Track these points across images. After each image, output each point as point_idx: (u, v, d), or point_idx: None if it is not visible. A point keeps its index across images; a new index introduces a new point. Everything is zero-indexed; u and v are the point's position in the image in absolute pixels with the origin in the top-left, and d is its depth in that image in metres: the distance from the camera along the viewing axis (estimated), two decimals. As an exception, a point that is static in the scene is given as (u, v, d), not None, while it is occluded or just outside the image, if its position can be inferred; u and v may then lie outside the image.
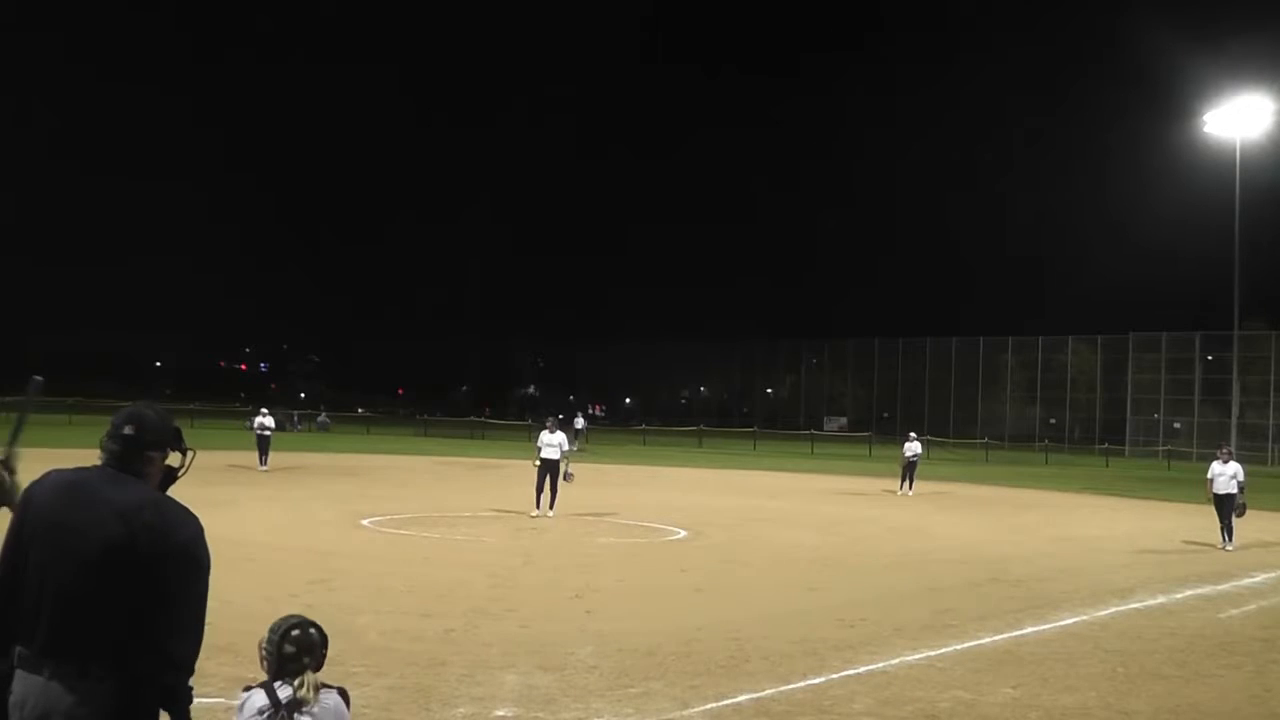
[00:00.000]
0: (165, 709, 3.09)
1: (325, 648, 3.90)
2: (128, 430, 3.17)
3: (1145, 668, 8.26)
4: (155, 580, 2.98)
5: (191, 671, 3.08)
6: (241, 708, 3.76)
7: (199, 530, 3.12)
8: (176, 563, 3.02)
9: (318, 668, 3.82)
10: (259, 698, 3.72)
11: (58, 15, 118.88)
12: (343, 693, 3.82)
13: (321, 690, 3.76)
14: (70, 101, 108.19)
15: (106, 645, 2.96)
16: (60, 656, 2.94)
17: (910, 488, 26.36)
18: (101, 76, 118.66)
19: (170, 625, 3.01)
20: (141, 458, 3.17)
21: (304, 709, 3.68)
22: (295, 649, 3.77)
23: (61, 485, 3.12)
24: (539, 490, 17.22)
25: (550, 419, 18.68)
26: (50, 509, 3.07)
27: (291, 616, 3.95)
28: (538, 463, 17.36)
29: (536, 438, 18.01)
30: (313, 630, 3.87)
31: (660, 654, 8.12)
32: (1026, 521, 20.79)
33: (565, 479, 17.21)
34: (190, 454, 3.33)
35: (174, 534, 3.04)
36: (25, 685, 2.96)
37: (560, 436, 17.55)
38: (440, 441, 47.33)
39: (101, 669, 2.94)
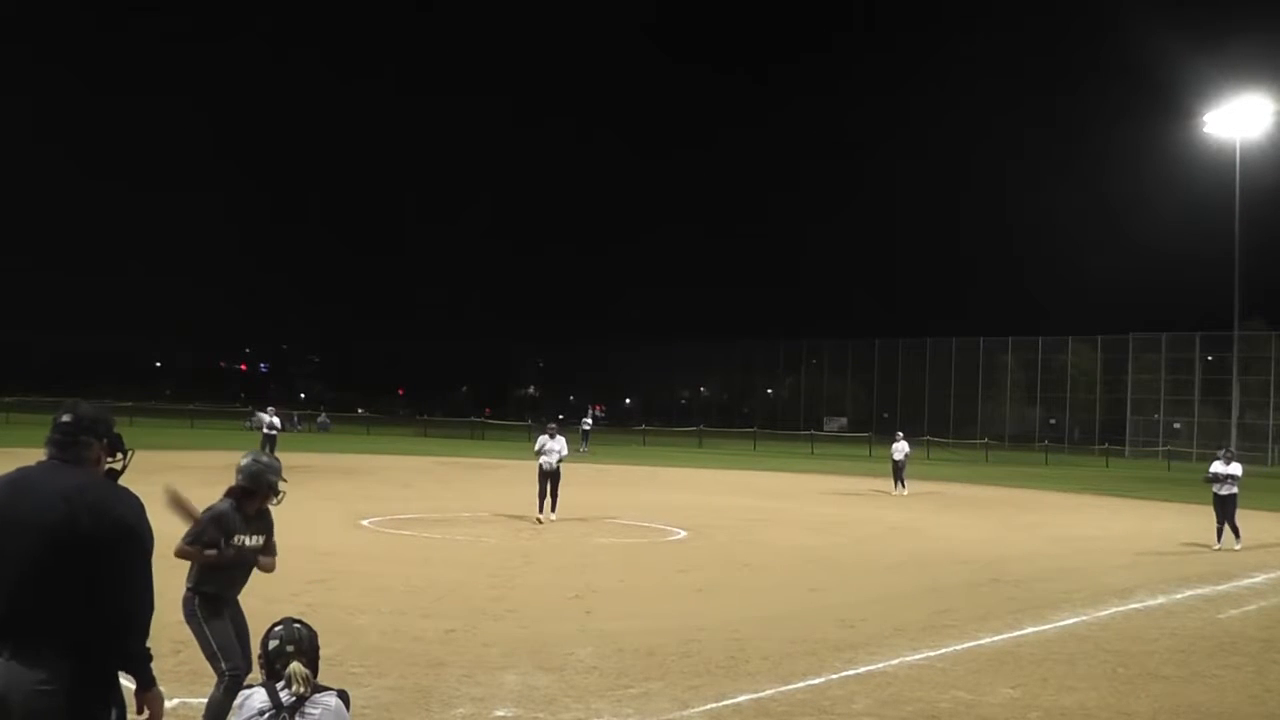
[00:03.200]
0: (126, 672, 3.25)
1: (316, 647, 3.90)
2: (65, 418, 3.38)
3: (1145, 668, 8.26)
4: (100, 556, 3.15)
5: (145, 635, 3.26)
6: (241, 706, 3.77)
7: (139, 508, 3.30)
8: (118, 538, 3.19)
9: (309, 666, 3.83)
10: (260, 697, 3.73)
11: (61, 21, 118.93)
12: (343, 695, 3.83)
13: (321, 692, 3.77)
14: (71, 107, 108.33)
15: (60, 623, 3.12)
16: (18, 638, 3.10)
17: (903, 487, 26.32)
18: (101, 82, 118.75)
19: (119, 595, 3.18)
20: (78, 442, 3.35)
21: (303, 709, 3.68)
22: (279, 642, 3.81)
23: (7, 483, 3.31)
24: (541, 496, 16.91)
25: (551, 423, 18.28)
26: (0, 501, 3.26)
27: (280, 619, 3.99)
28: (542, 464, 17.04)
29: (535, 440, 17.64)
30: (298, 626, 3.90)
31: (660, 654, 8.11)
32: (1026, 521, 20.77)
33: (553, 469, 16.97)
34: (129, 453, 3.52)
35: (112, 511, 3.22)
36: None
37: (560, 441, 17.28)
38: (440, 442, 47.31)
39: (57, 647, 3.10)
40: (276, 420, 27.06)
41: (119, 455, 3.48)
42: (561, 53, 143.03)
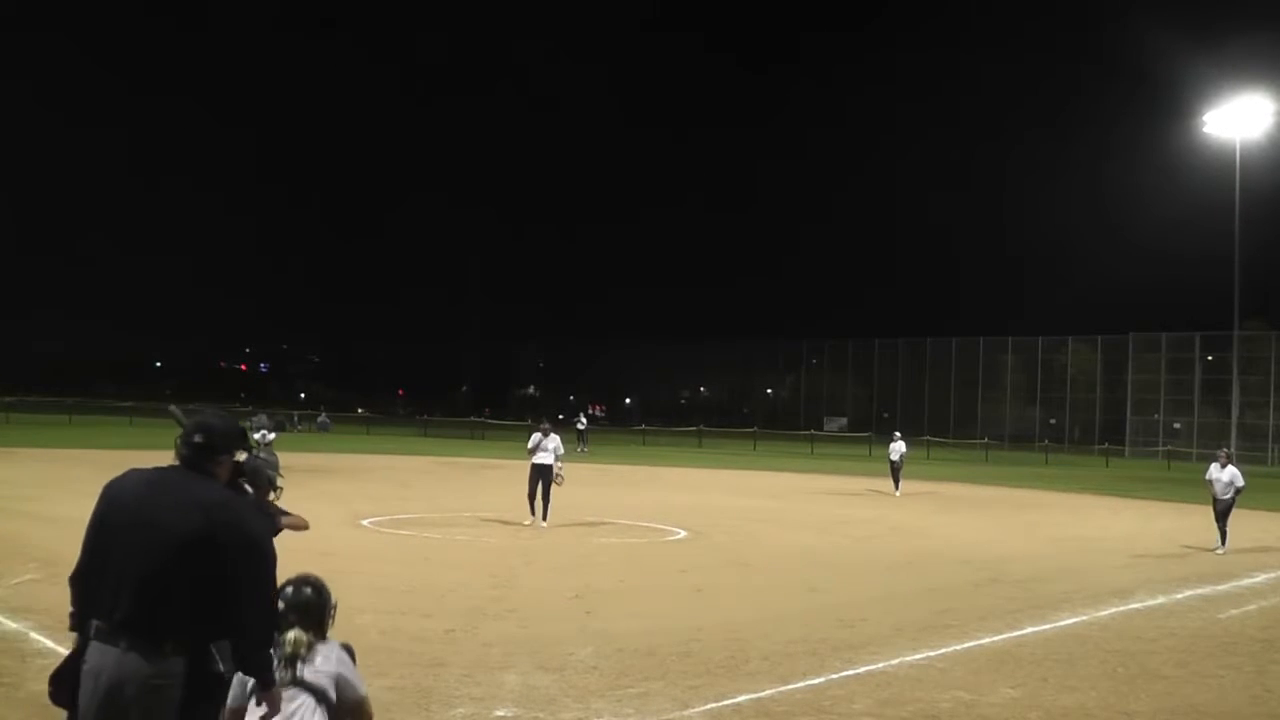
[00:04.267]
0: (248, 674, 3.48)
1: (325, 608, 3.94)
2: (198, 439, 3.57)
3: (1145, 668, 8.26)
4: (231, 566, 3.34)
5: (267, 644, 3.46)
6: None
7: (266, 525, 3.63)
8: (249, 552, 3.41)
9: (316, 626, 3.84)
10: None
11: (61, 14, 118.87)
12: (347, 648, 3.89)
13: (320, 645, 3.80)
14: (71, 103, 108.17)
15: (179, 622, 3.28)
16: (137, 631, 3.27)
17: (897, 488, 26.31)
18: (101, 78, 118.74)
19: (245, 607, 3.38)
20: (213, 461, 3.57)
21: (296, 664, 3.70)
22: (284, 605, 3.81)
23: (144, 482, 3.50)
24: (531, 498, 16.34)
25: (544, 422, 17.39)
26: (135, 502, 3.43)
27: (295, 575, 3.99)
28: (536, 461, 16.46)
29: (529, 440, 16.90)
30: (307, 589, 3.93)
31: (660, 654, 8.11)
32: (1026, 521, 20.78)
33: (556, 481, 16.34)
34: (250, 453, 3.87)
35: (246, 527, 3.44)
36: (101, 656, 3.27)
37: (555, 441, 16.54)
38: (440, 441, 47.32)
39: (173, 643, 3.26)
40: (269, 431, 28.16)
41: (245, 452, 3.76)
42: (562, 50, 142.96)
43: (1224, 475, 16.18)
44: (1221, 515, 16.11)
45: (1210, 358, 61.98)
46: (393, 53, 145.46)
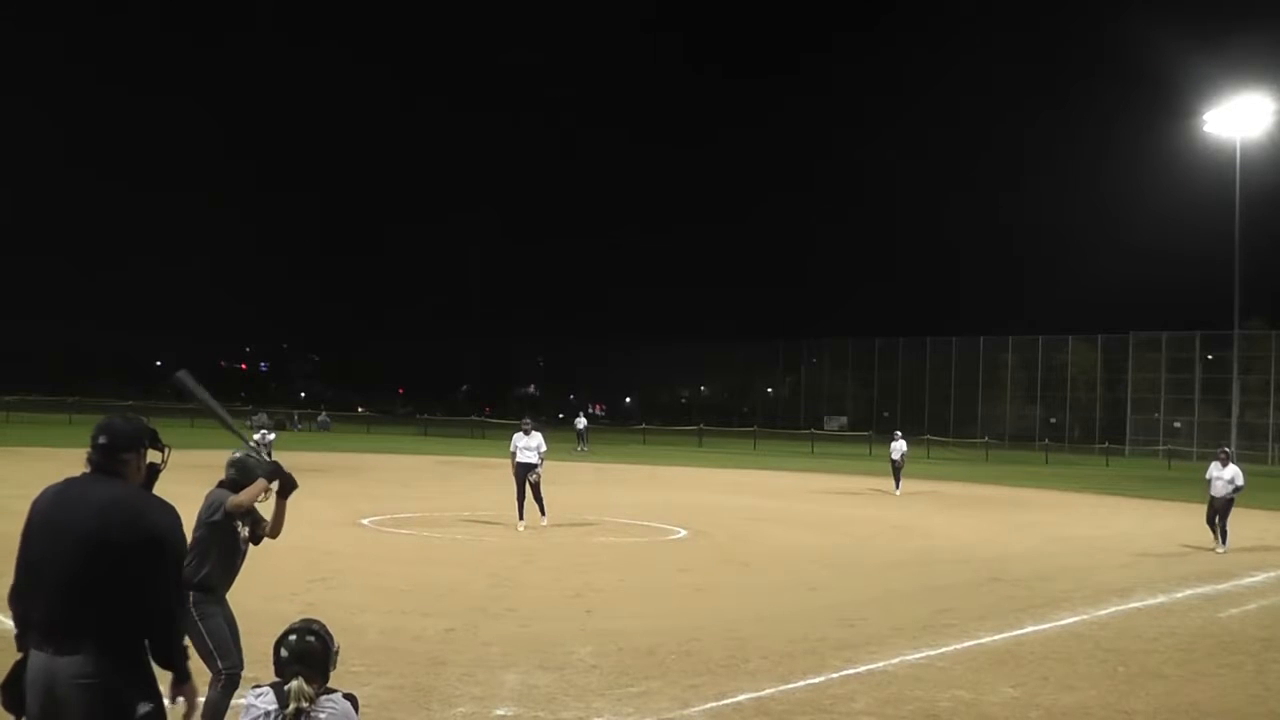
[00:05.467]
0: (162, 667, 3.54)
1: (328, 655, 3.88)
2: (101, 440, 3.63)
3: (1145, 667, 8.26)
4: (130, 562, 3.41)
5: (173, 632, 3.54)
6: (250, 705, 3.76)
7: (167, 520, 3.55)
8: (147, 548, 3.45)
9: (320, 675, 3.80)
10: (269, 698, 3.73)
11: (60, 17, 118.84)
12: (350, 698, 3.83)
13: (327, 696, 3.76)
14: (72, 102, 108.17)
15: (95, 623, 3.38)
16: (59, 635, 3.39)
17: (897, 487, 26.32)
18: (102, 78, 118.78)
19: (149, 598, 3.45)
20: (117, 461, 3.61)
21: (311, 712, 3.68)
22: (288, 654, 3.80)
23: (55, 491, 3.60)
24: (520, 498, 15.93)
25: (526, 421, 16.92)
26: (45, 511, 3.55)
27: (298, 622, 3.95)
28: (520, 463, 16.04)
29: (511, 441, 16.50)
30: (310, 639, 3.85)
31: (660, 654, 8.12)
32: (1026, 521, 20.78)
33: (530, 479, 15.88)
34: (167, 450, 3.77)
35: (143, 520, 3.47)
36: (35, 663, 3.42)
37: (538, 439, 16.19)
38: (440, 441, 47.38)
39: (94, 644, 3.36)
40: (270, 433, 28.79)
41: (159, 451, 3.75)
42: (561, 51, 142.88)
43: (1225, 473, 16.19)
44: (1220, 515, 16.09)
45: (1210, 357, 62.06)
46: (395, 57, 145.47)
